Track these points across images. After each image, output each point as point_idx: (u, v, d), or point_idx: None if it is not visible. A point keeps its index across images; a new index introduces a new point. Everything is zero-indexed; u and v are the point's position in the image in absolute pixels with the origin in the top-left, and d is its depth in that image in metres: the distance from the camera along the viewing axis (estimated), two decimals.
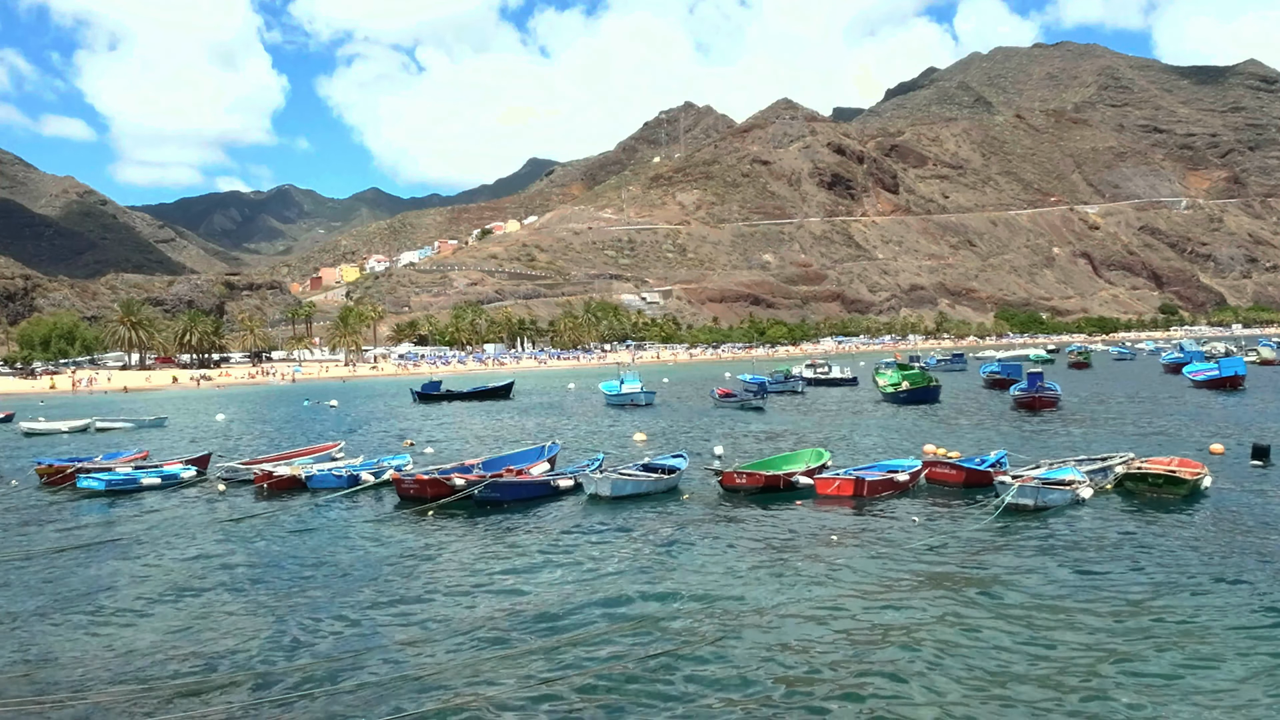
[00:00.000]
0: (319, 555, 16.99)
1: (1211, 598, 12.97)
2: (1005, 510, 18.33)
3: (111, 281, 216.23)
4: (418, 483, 22.16)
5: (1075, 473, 20.65)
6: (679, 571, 14.96)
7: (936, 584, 13.77)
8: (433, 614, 13.11)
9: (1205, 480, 20.56)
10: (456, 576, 15.22)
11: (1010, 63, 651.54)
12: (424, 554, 16.79)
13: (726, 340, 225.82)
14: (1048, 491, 18.88)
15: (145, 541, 18.55)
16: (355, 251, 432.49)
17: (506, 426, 44.45)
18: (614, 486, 21.40)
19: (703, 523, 18.60)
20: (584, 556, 16.28)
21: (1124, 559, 15.18)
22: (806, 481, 21.23)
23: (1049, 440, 32.25)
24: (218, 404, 70.33)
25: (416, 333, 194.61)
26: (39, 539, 19.24)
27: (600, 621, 12.48)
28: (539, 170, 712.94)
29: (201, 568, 16.32)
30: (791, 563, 15.22)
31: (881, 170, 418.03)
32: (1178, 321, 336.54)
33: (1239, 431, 32.98)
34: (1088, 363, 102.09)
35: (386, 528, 19.41)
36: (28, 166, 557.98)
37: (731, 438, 34.75)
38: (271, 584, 15.05)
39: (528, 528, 19.00)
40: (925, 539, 16.62)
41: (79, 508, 23.15)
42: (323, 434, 41.44)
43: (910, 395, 51.01)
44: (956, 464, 22.01)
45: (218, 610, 13.65)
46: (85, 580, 15.64)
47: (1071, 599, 13.04)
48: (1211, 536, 16.51)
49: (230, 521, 20.48)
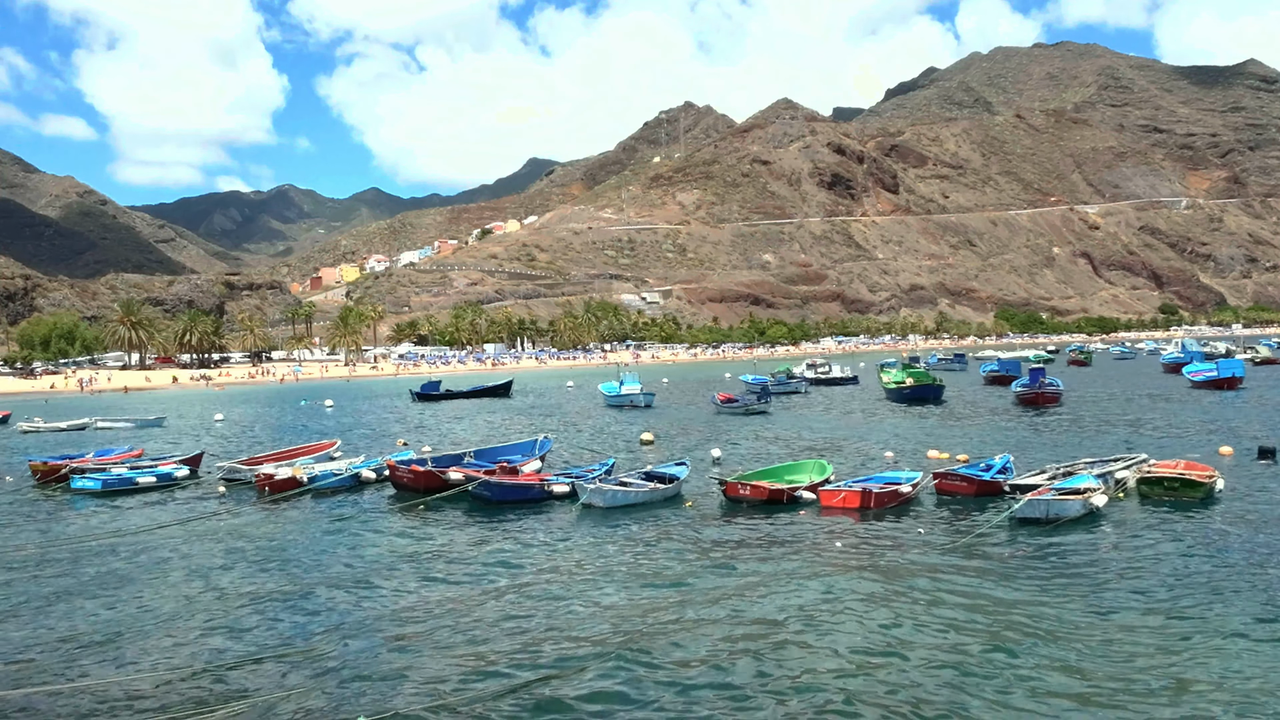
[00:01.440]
0: (316, 554, 16.93)
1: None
2: (1015, 522, 17.88)
3: (111, 281, 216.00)
4: (413, 474, 22.22)
5: (1089, 480, 20.30)
6: (674, 585, 14.62)
7: (940, 601, 13.29)
8: (424, 611, 13.03)
9: (1219, 483, 20.42)
10: (444, 575, 15.22)
11: (1010, 63, 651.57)
12: (414, 554, 16.83)
13: (726, 340, 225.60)
14: (1059, 504, 18.29)
15: (144, 544, 18.40)
16: (355, 251, 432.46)
17: (505, 426, 44.29)
18: (606, 498, 20.74)
19: (703, 536, 18.01)
20: (572, 564, 16.08)
21: (1139, 572, 14.87)
22: (811, 497, 20.84)
23: (1056, 437, 32.12)
24: (219, 404, 70.20)
25: (416, 333, 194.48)
26: (31, 540, 19.09)
27: (583, 631, 12.31)
28: (539, 170, 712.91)
29: (198, 567, 16.20)
30: (796, 578, 14.75)
31: (881, 170, 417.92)
32: (1177, 321, 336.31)
33: (1226, 429, 33.31)
34: (1087, 361, 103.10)
35: (380, 525, 19.39)
36: (28, 166, 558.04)
37: (736, 447, 33.46)
38: (268, 582, 14.97)
39: (516, 532, 18.88)
40: (928, 554, 16.07)
41: (73, 506, 22.93)
42: (325, 432, 41.23)
43: (914, 392, 51.47)
44: (967, 475, 21.59)
45: (216, 609, 13.54)
46: (86, 582, 15.52)
47: (1098, 615, 12.82)
48: (1239, 542, 16.24)
49: (229, 520, 20.34)
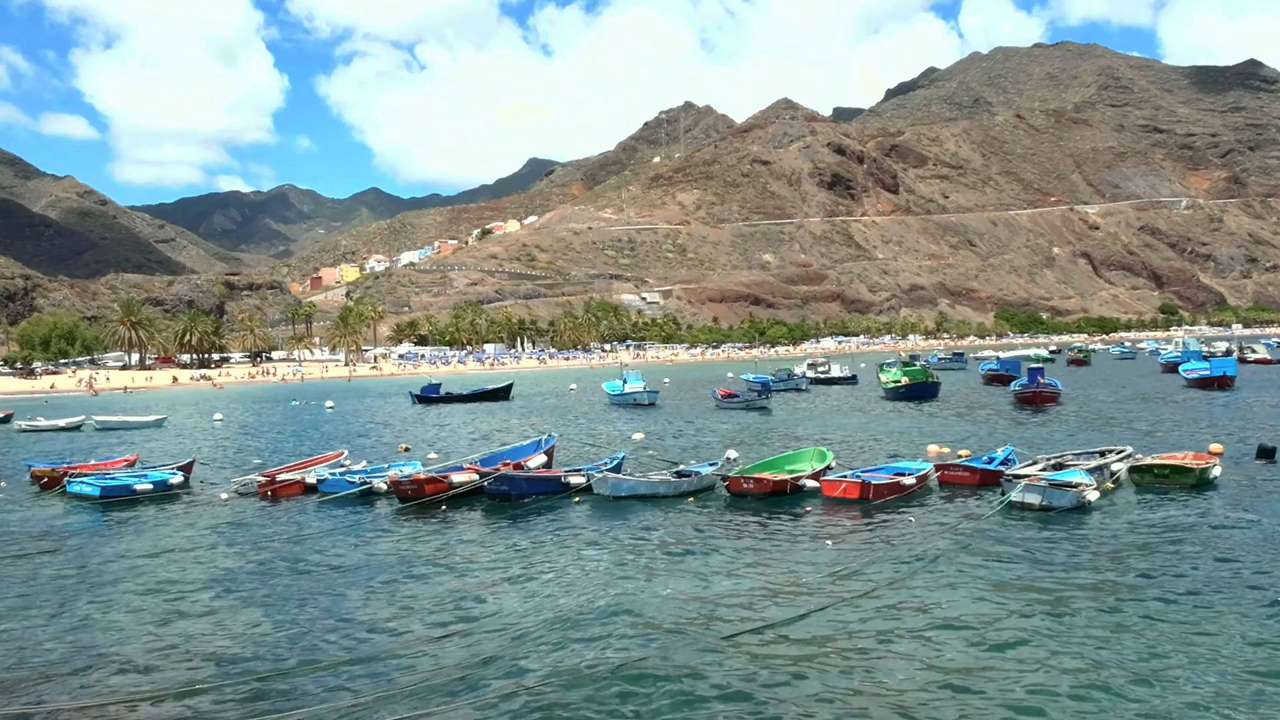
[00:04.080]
0: (319, 560, 16.91)
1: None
2: (1010, 508, 18.14)
3: (111, 281, 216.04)
4: (415, 482, 22.09)
5: (1082, 475, 20.44)
6: (681, 577, 14.83)
7: (937, 586, 13.57)
8: (430, 618, 13.07)
9: (1214, 470, 20.39)
10: (457, 579, 15.17)
11: (1010, 63, 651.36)
12: (421, 558, 16.71)
13: (726, 340, 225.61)
14: (1054, 492, 18.51)
15: (146, 550, 18.40)
16: (355, 251, 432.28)
17: (508, 427, 44.35)
18: (613, 487, 21.31)
19: (704, 527, 18.29)
20: (590, 559, 16.23)
21: (1134, 561, 15.04)
22: (814, 485, 21.09)
23: (1051, 434, 32.20)
24: (219, 405, 70.24)
25: (416, 333, 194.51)
26: (37, 546, 19.15)
27: (596, 627, 12.39)
28: (539, 170, 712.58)
29: (200, 574, 16.25)
30: (787, 567, 15.06)
31: (881, 170, 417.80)
32: (1178, 322, 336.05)
33: (1213, 425, 33.95)
34: (1087, 360, 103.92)
35: (385, 531, 19.31)
36: (28, 166, 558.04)
37: (741, 439, 34.26)
38: (269, 589, 14.99)
39: (530, 528, 18.94)
40: (925, 541, 16.30)
41: (69, 512, 22.81)
42: (325, 431, 41.31)
43: (909, 390, 52.82)
44: (969, 465, 21.78)
45: (216, 615, 13.62)
46: (84, 584, 15.60)
47: (1086, 602, 12.94)
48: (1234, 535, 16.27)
49: (231, 526, 20.34)
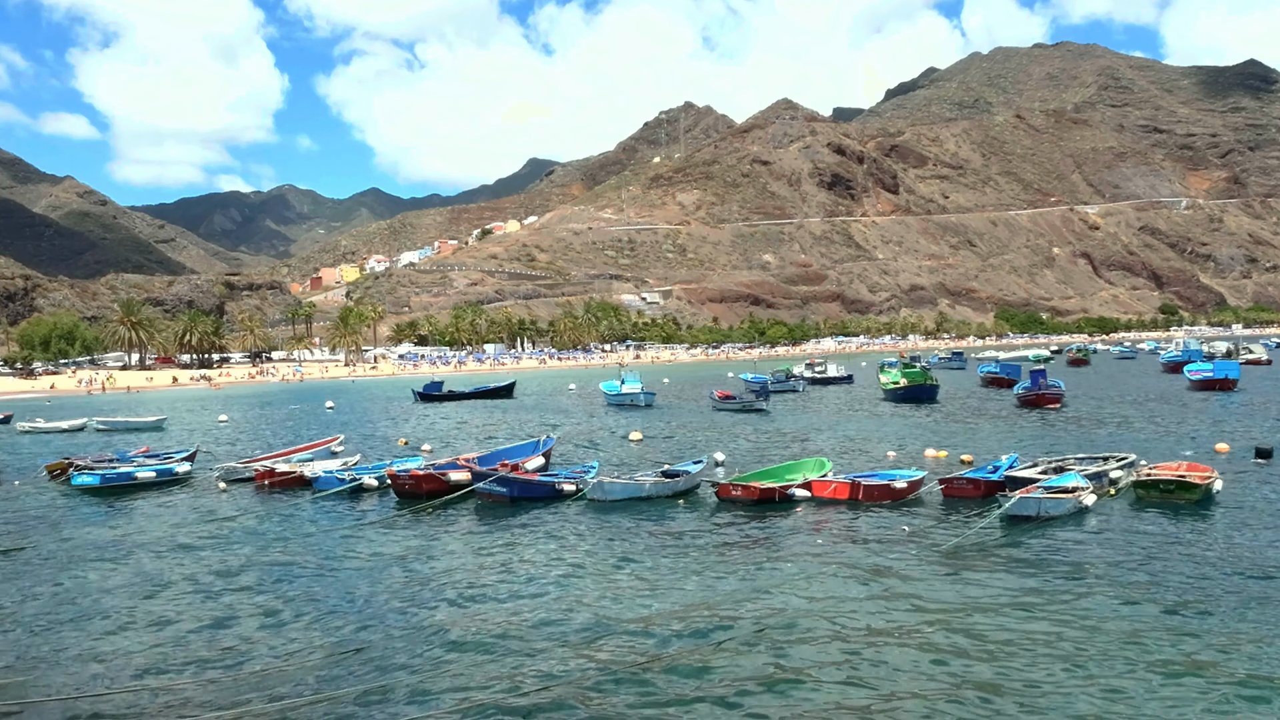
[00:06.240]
0: (314, 555, 16.92)
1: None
2: (1006, 520, 17.93)
3: (111, 281, 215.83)
4: (413, 479, 22.07)
5: (1079, 479, 20.34)
6: (661, 583, 14.83)
7: (926, 594, 13.56)
8: (425, 617, 13.07)
9: (1216, 484, 20.32)
10: (451, 578, 15.18)
11: (1010, 63, 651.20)
12: (416, 556, 16.75)
13: (726, 340, 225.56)
14: (1049, 502, 18.36)
15: (143, 543, 18.44)
16: (355, 252, 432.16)
17: (509, 425, 44.34)
18: (604, 490, 21.28)
19: (690, 535, 18.15)
20: (584, 560, 16.24)
21: (1128, 570, 14.99)
22: (804, 494, 20.99)
23: (1057, 437, 32.16)
24: (220, 405, 70.23)
25: (416, 333, 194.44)
26: (41, 540, 19.17)
27: (587, 631, 12.40)
28: (539, 170, 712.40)
29: (198, 567, 16.26)
30: (771, 571, 15.07)
31: (881, 170, 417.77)
32: (1178, 322, 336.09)
33: (1216, 428, 33.95)
34: (1087, 360, 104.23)
35: (381, 528, 19.31)
36: (27, 166, 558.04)
37: (734, 443, 34.17)
38: (264, 583, 15.02)
39: (525, 529, 18.93)
40: (911, 550, 16.14)
41: (73, 504, 22.91)
42: (329, 432, 41.23)
43: (908, 392, 52.71)
44: (973, 478, 21.46)
45: (215, 611, 13.62)
46: (85, 583, 15.59)
47: (1072, 614, 12.92)
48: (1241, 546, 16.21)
49: (228, 520, 20.37)
